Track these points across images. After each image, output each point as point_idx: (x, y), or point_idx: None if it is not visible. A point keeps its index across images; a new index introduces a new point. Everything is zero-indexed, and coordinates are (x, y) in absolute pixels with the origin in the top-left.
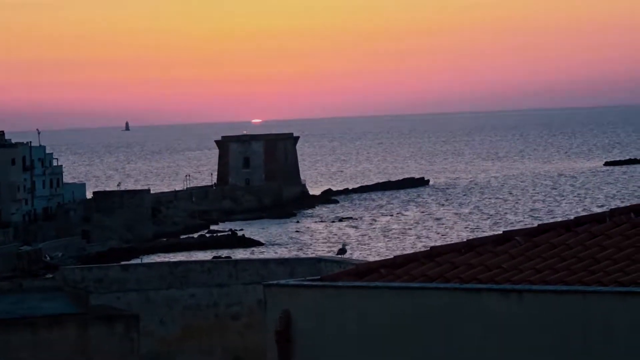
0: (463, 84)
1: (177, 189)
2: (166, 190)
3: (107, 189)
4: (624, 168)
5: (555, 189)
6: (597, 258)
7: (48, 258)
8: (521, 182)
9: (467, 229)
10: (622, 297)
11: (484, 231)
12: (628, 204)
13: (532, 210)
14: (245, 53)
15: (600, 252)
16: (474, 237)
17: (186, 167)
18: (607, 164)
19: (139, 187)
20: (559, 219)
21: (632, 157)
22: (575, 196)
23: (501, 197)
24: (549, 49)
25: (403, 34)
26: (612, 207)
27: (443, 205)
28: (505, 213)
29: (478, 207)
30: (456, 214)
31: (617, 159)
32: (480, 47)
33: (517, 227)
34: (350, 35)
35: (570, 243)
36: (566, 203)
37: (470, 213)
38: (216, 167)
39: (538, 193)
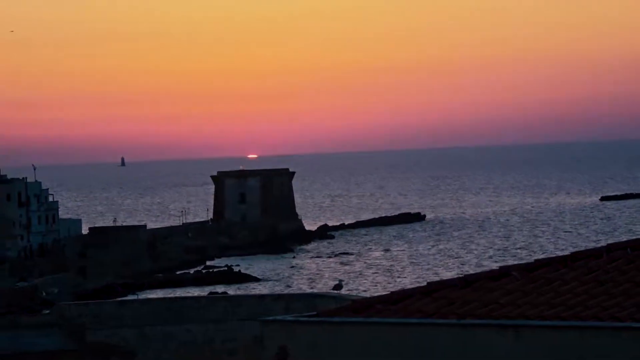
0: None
1: (173, 224)
2: (162, 225)
3: (103, 224)
4: (620, 203)
5: (552, 224)
6: (593, 293)
7: (44, 294)
8: (517, 217)
9: (464, 264)
10: (618, 332)
11: (480, 266)
12: (625, 239)
13: (528, 245)
14: (241, 89)
15: (597, 287)
16: (471, 272)
17: (182, 202)
18: (603, 198)
19: (134, 223)
20: (556, 254)
21: (629, 192)
22: (571, 231)
23: (497, 232)
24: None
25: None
26: (609, 243)
27: (439, 240)
28: (502, 248)
29: (474, 242)
30: (452, 249)
31: (613, 193)
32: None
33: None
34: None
35: (567, 278)
36: (563, 238)
37: (466, 248)
38: (212, 202)
39: (535, 228)
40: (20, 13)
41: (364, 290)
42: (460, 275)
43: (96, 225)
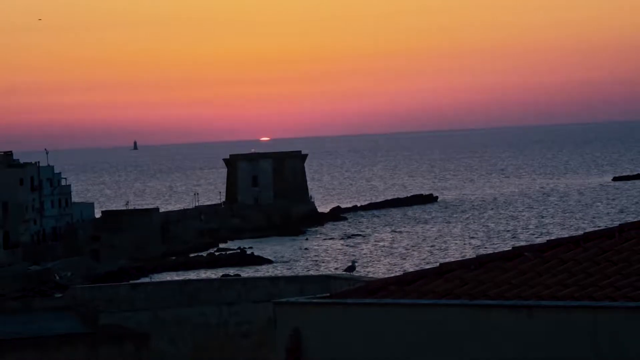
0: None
1: (185, 207)
2: (175, 209)
3: (116, 208)
4: (632, 183)
5: (564, 204)
6: (606, 273)
7: (57, 278)
8: (529, 198)
9: (476, 245)
10: (632, 312)
11: (493, 247)
12: (637, 219)
13: (541, 225)
14: (253, 73)
15: (610, 268)
16: (483, 253)
17: (194, 185)
18: (615, 179)
19: (147, 206)
20: (568, 235)
21: None
22: (584, 211)
23: (510, 213)
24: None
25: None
26: (621, 223)
27: (451, 221)
28: (514, 229)
29: (487, 223)
30: (465, 230)
31: (625, 174)
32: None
33: (526, 243)
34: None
35: (580, 258)
36: (575, 218)
37: (479, 229)
38: (225, 185)
39: (547, 209)
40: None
41: (377, 272)
42: (473, 256)
43: (109, 209)
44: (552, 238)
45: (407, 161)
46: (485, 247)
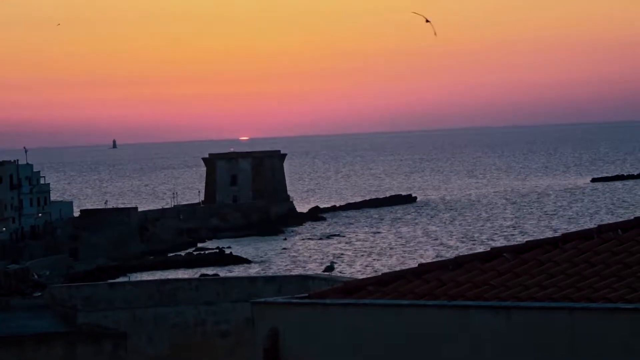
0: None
1: (164, 206)
2: (153, 208)
3: (95, 207)
4: (611, 184)
5: (543, 205)
6: (584, 274)
7: (35, 276)
8: (508, 198)
9: (455, 245)
10: (610, 314)
11: (471, 248)
12: (615, 221)
13: (519, 226)
14: (232, 71)
15: (588, 269)
16: (462, 254)
17: (173, 184)
18: (594, 180)
19: (126, 205)
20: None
21: (619, 174)
22: (562, 213)
23: (488, 213)
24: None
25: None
26: (600, 224)
27: (430, 222)
28: (493, 230)
29: (465, 223)
30: (443, 230)
31: (604, 175)
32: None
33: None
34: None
35: (558, 260)
36: (553, 220)
37: (457, 230)
38: (203, 184)
39: (525, 209)
40: None
41: (356, 272)
42: (452, 257)
43: (87, 208)
44: (531, 239)
45: (386, 161)
46: (464, 248)
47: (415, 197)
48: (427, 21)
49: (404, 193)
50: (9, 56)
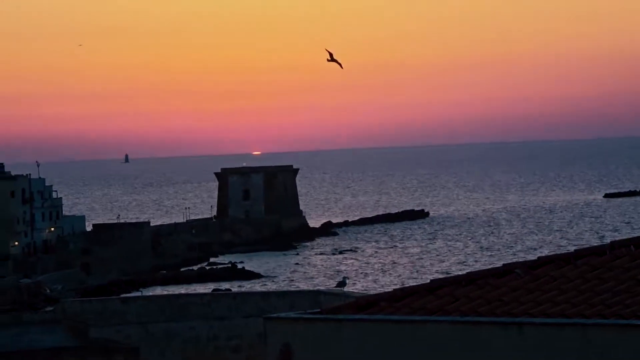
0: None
1: (176, 221)
2: (166, 222)
3: (107, 221)
4: (624, 200)
5: (555, 221)
6: (597, 291)
7: (48, 291)
8: (520, 214)
9: (467, 261)
10: (622, 330)
11: (483, 264)
12: (628, 237)
13: (531, 242)
14: (245, 85)
15: (601, 285)
16: (474, 269)
17: (186, 199)
18: (607, 195)
19: (138, 220)
20: (559, 252)
21: (632, 189)
22: (575, 229)
23: (501, 229)
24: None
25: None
26: (612, 240)
27: (443, 237)
28: (505, 245)
29: (478, 239)
30: (456, 246)
31: (617, 190)
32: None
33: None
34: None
35: (570, 276)
36: (566, 235)
37: (469, 245)
38: (216, 199)
39: (538, 225)
40: (24, 7)
41: (368, 288)
42: (464, 273)
43: (100, 222)
44: (543, 255)
45: (398, 176)
46: (476, 264)
47: (428, 213)
48: (334, 60)
49: (416, 208)
50: (21, 71)
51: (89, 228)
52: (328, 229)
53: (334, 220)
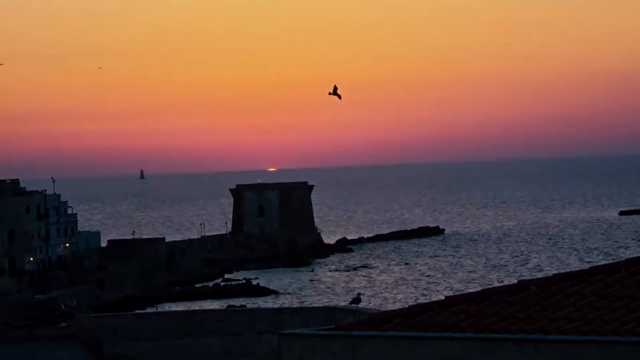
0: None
1: (191, 237)
2: (181, 238)
3: (122, 237)
4: (639, 217)
5: (570, 238)
6: (612, 308)
7: (62, 306)
8: (535, 231)
9: (482, 278)
10: (637, 347)
11: (498, 280)
12: None
13: (547, 259)
14: (260, 102)
15: (616, 302)
16: (489, 286)
17: (201, 215)
18: (622, 213)
19: (153, 236)
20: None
21: None
22: (590, 245)
23: (516, 246)
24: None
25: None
26: (628, 257)
27: (457, 254)
28: (520, 262)
29: (493, 256)
30: (471, 263)
31: (632, 208)
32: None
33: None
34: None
35: (585, 293)
36: (581, 252)
37: (484, 262)
38: (231, 215)
39: (552, 242)
40: (38, 28)
41: (383, 304)
42: (479, 290)
43: (115, 238)
44: (558, 272)
45: (413, 192)
46: (491, 281)
47: (443, 230)
48: (335, 94)
49: (431, 225)
50: (37, 88)
51: (104, 244)
52: (343, 246)
53: (349, 237)
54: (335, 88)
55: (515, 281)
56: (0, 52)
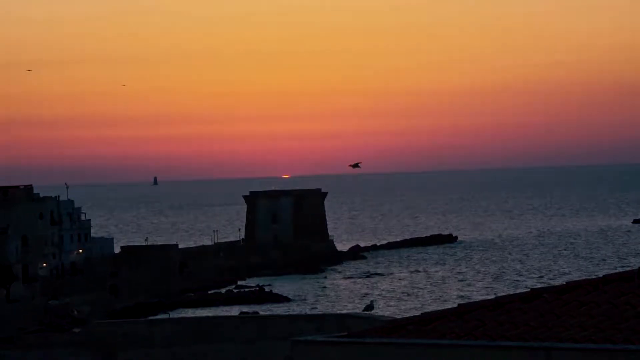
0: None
1: (205, 244)
2: (194, 245)
3: (135, 243)
4: None
5: (584, 246)
6: (625, 316)
7: (75, 312)
8: (548, 239)
9: (495, 286)
10: None
11: (512, 288)
12: None
13: (559, 267)
14: (273, 109)
15: (629, 311)
16: (502, 294)
17: (214, 222)
18: (635, 221)
19: (166, 242)
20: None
21: None
22: (603, 254)
23: (529, 254)
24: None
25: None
26: None
27: (471, 262)
28: (533, 270)
29: (506, 264)
30: (484, 271)
31: None
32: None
33: (545, 284)
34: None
35: (599, 301)
36: (594, 261)
37: (498, 270)
38: (244, 222)
39: (566, 250)
40: (54, 34)
41: (396, 311)
42: (492, 297)
43: (128, 244)
44: (571, 280)
45: (427, 200)
46: (504, 288)
47: (456, 237)
48: (356, 166)
49: (444, 232)
50: (50, 94)
51: (117, 250)
52: (356, 253)
53: (362, 244)
54: (357, 164)
55: (529, 289)
56: (12, 58)
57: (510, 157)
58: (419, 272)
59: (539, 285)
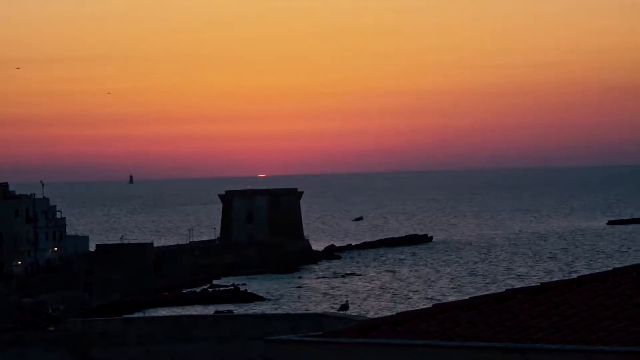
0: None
1: (179, 242)
2: (169, 244)
3: (110, 242)
4: (627, 227)
5: (558, 247)
6: (600, 317)
7: (50, 310)
8: (523, 240)
9: (470, 286)
10: (625, 357)
11: (486, 289)
12: (631, 264)
13: (534, 268)
14: (249, 109)
15: (603, 312)
16: (477, 294)
17: (189, 221)
18: (610, 223)
19: (141, 241)
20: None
21: (636, 217)
22: (578, 255)
23: (503, 255)
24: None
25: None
26: (615, 267)
27: (445, 262)
28: (508, 271)
29: (481, 264)
30: (459, 271)
31: (620, 218)
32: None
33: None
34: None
35: (573, 302)
36: (569, 262)
37: (472, 270)
38: (219, 221)
39: (541, 252)
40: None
41: (370, 311)
42: (467, 298)
43: (103, 243)
44: (546, 281)
45: (402, 200)
46: (478, 289)
47: (431, 237)
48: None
49: (419, 233)
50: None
51: (92, 248)
52: (331, 253)
53: (337, 244)
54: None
55: (503, 290)
56: None
57: (494, 158)
58: (394, 272)
59: (514, 286)
